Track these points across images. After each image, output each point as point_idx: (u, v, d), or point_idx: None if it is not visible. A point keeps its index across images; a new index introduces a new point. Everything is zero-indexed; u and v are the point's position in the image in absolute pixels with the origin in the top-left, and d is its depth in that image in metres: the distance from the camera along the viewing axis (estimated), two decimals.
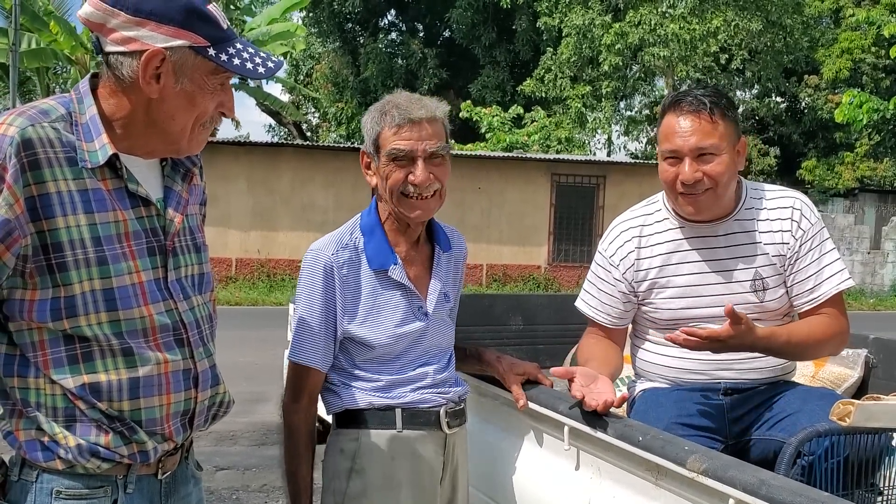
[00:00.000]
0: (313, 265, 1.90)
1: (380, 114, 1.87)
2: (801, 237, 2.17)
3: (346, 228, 1.95)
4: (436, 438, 1.91)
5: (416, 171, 1.84)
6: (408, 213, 1.89)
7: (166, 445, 1.44)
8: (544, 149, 20.07)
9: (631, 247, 2.27)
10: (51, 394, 1.35)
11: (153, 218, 1.43)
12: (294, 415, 1.90)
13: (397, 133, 1.84)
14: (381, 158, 1.87)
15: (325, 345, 1.88)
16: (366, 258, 1.90)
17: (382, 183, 1.88)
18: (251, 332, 10.03)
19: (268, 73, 1.42)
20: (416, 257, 1.96)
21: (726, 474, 1.46)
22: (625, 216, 2.35)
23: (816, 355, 2.35)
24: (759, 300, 2.19)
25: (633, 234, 2.28)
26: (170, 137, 1.42)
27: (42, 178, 1.30)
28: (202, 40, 1.36)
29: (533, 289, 16.53)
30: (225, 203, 15.34)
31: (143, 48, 1.33)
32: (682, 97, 2.14)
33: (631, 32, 20.19)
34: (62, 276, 1.31)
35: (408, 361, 1.90)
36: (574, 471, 1.92)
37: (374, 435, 1.87)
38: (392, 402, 1.87)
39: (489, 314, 4.10)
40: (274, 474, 4.78)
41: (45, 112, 1.35)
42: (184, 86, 1.37)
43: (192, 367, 1.46)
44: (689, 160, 2.09)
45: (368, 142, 1.90)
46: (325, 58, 26.99)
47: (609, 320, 2.32)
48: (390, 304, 1.89)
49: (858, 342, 3.21)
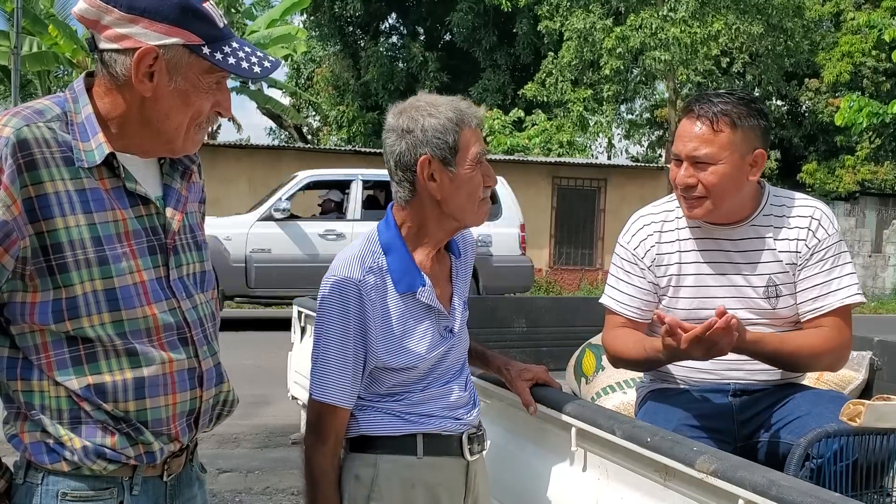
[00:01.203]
0: (339, 293, 1.72)
1: (455, 115, 1.72)
2: (814, 246, 2.16)
3: (365, 247, 1.78)
4: (457, 466, 1.81)
5: (490, 174, 1.77)
6: (477, 221, 1.80)
7: (172, 446, 1.43)
8: (545, 152, 20.07)
9: (652, 241, 2.26)
10: (55, 396, 1.34)
11: (153, 216, 1.41)
12: (321, 458, 1.74)
13: (476, 134, 1.75)
14: (464, 163, 1.72)
15: (353, 380, 1.73)
16: (391, 280, 1.76)
17: (461, 191, 1.74)
18: (254, 334, 10.03)
19: (263, 74, 1.40)
20: (439, 273, 1.84)
21: (736, 475, 1.45)
22: (646, 210, 2.35)
23: (811, 368, 2.29)
24: (771, 307, 2.17)
25: (654, 229, 2.27)
26: (164, 136, 1.40)
27: (39, 179, 1.28)
28: (196, 38, 1.34)
29: (534, 292, 16.50)
30: (226, 206, 15.29)
31: (136, 46, 1.32)
32: (697, 100, 2.15)
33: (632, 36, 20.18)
34: (63, 277, 1.30)
35: (432, 380, 1.80)
36: (581, 472, 1.91)
37: (393, 461, 1.75)
38: (413, 427, 1.76)
39: (493, 316, 4.10)
40: (277, 477, 4.77)
41: (41, 112, 1.34)
42: (178, 84, 1.35)
43: (196, 365, 1.45)
44: (686, 164, 2.11)
45: (440, 148, 1.71)
46: (326, 61, 27.01)
47: (639, 314, 2.27)
48: (419, 328, 1.77)
49: (863, 345, 3.21)
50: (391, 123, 1.76)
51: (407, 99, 1.82)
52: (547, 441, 2.05)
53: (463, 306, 1.89)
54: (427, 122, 1.71)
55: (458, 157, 1.73)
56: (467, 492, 1.84)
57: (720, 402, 2.16)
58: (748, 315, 2.17)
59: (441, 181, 1.74)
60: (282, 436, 5.57)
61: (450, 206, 1.76)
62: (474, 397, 1.90)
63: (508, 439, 2.17)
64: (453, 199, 1.75)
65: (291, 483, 4.64)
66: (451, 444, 1.81)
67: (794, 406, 2.12)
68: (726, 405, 2.16)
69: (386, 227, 1.81)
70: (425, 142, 1.71)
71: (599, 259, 17.32)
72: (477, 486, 1.87)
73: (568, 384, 3.65)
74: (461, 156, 1.72)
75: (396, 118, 1.75)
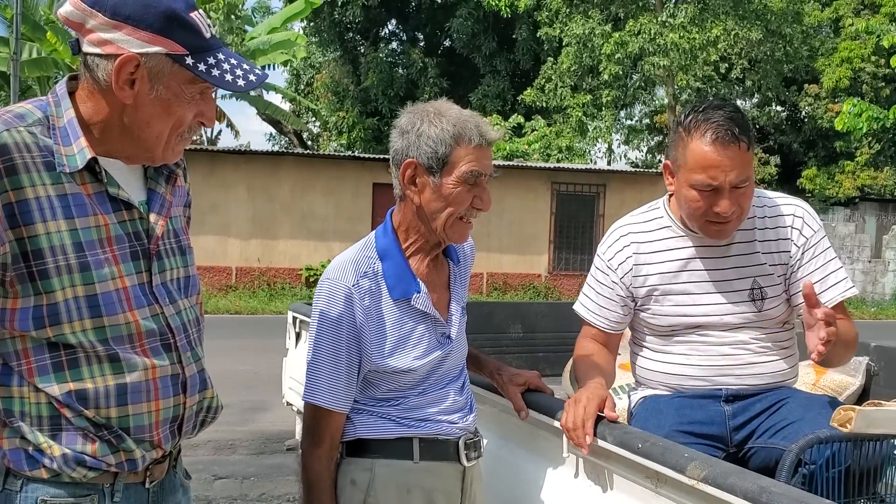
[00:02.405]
0: (332, 296, 1.73)
1: (454, 129, 1.71)
2: (803, 245, 2.16)
3: (360, 252, 1.79)
4: (454, 471, 1.81)
5: (484, 196, 1.75)
6: (455, 238, 1.79)
7: (154, 453, 1.42)
8: (545, 158, 20.11)
9: (629, 252, 2.25)
10: (35, 402, 1.33)
11: (136, 221, 1.40)
12: (316, 462, 1.74)
13: (475, 154, 1.72)
14: (449, 177, 1.72)
15: (347, 384, 1.73)
16: (386, 286, 1.76)
17: (439, 203, 1.74)
18: (251, 340, 10.02)
19: (247, 87, 1.38)
20: (436, 280, 1.84)
21: (726, 481, 1.44)
22: (624, 221, 2.33)
23: (846, 359, 2.33)
24: (757, 309, 2.17)
25: (632, 240, 2.26)
26: (144, 145, 1.38)
27: (20, 184, 1.27)
28: (180, 48, 1.32)
29: (533, 297, 16.50)
30: (225, 212, 15.35)
31: (118, 52, 1.30)
32: (714, 125, 2.02)
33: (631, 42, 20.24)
34: (44, 283, 1.29)
35: (429, 385, 1.80)
36: (573, 478, 1.89)
37: (389, 466, 1.75)
38: (409, 432, 1.76)
39: (489, 322, 4.10)
40: (273, 483, 4.76)
41: (21, 116, 1.32)
42: (159, 93, 1.34)
43: (180, 371, 1.43)
44: (728, 194, 2.02)
45: (427, 156, 1.71)
46: (326, 67, 27.05)
47: (607, 324, 2.30)
48: (414, 334, 1.77)
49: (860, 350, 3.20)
50: (399, 121, 1.78)
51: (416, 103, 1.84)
52: (539, 447, 2.03)
53: (461, 312, 1.88)
54: (425, 128, 1.72)
55: (445, 170, 1.72)
56: (464, 497, 1.84)
57: (713, 409, 2.15)
58: (734, 320, 2.17)
59: (420, 187, 1.75)
60: (278, 442, 5.56)
61: (425, 213, 1.76)
62: (471, 403, 1.89)
63: (500, 445, 2.16)
64: (429, 207, 1.75)
65: (287, 489, 4.63)
66: (448, 450, 1.80)
67: (787, 411, 2.10)
68: (719, 411, 2.15)
69: (383, 232, 1.82)
70: (416, 146, 1.72)
71: None
72: (473, 493, 1.86)
73: (564, 390, 3.64)
74: (448, 169, 1.72)
75: (404, 117, 1.78)
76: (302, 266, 15.94)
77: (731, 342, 2.17)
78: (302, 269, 15.93)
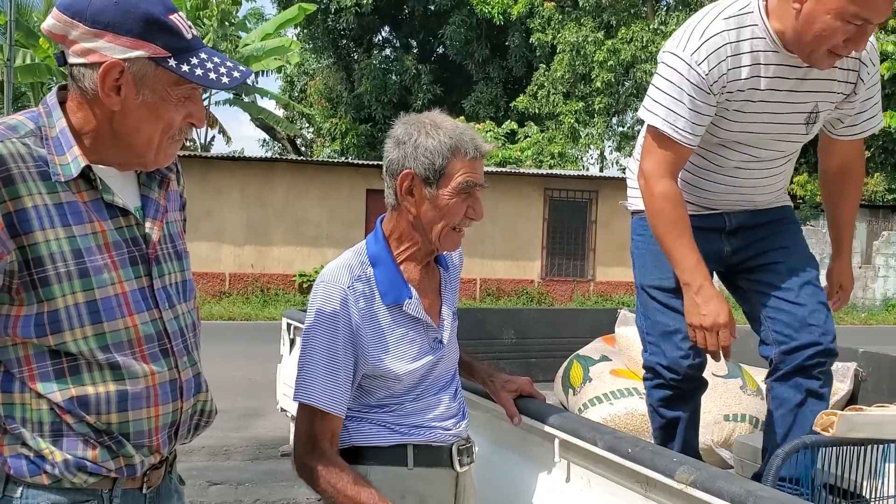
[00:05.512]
0: (329, 296, 1.74)
1: (451, 141, 1.75)
2: (867, 80, 2.26)
3: (354, 258, 1.82)
4: (447, 477, 1.83)
5: (477, 207, 1.80)
6: (448, 247, 1.83)
7: (153, 458, 1.43)
8: (537, 164, 20.14)
9: (727, 66, 2.14)
10: (37, 409, 1.34)
11: (132, 227, 1.41)
12: (313, 462, 1.73)
13: (470, 165, 1.77)
14: (445, 189, 1.76)
15: (343, 386, 1.73)
16: (378, 292, 1.78)
17: (435, 213, 1.77)
18: (245, 346, 10.01)
19: (232, 84, 1.39)
20: (427, 286, 1.87)
21: (714, 486, 1.47)
22: (719, 25, 2.14)
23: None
24: (805, 132, 2.29)
25: (731, 52, 2.14)
26: (135, 150, 1.40)
27: (17, 194, 1.28)
28: (162, 51, 1.34)
29: (526, 303, 16.53)
30: (219, 218, 15.33)
31: (101, 60, 1.32)
32: None
33: (623, 49, 20.33)
34: (45, 290, 1.30)
35: (422, 390, 1.82)
36: (565, 483, 1.92)
37: (383, 472, 1.76)
38: (404, 439, 1.78)
39: (482, 328, 4.12)
40: (267, 489, 4.76)
41: (14, 128, 1.34)
42: (146, 97, 1.35)
43: (177, 376, 1.45)
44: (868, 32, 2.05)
45: (424, 167, 1.75)
46: (320, 73, 27.07)
47: (693, 140, 2.19)
48: (406, 339, 1.79)
49: (848, 356, 3.23)
50: (394, 131, 1.80)
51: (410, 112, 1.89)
52: (531, 452, 2.06)
53: (452, 317, 1.91)
54: (422, 139, 1.75)
55: (442, 181, 1.76)
56: (457, 503, 1.86)
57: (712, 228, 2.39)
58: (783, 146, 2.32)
59: (418, 198, 1.78)
60: (273, 448, 5.56)
61: (422, 223, 1.80)
62: (464, 409, 1.92)
63: (493, 450, 2.19)
64: (425, 217, 1.78)
65: (282, 495, 4.64)
66: (441, 456, 1.82)
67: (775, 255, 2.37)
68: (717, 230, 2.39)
69: (374, 240, 1.84)
70: (413, 157, 1.75)
71: (591, 270, 17.36)
72: (466, 499, 1.89)
73: (556, 395, 3.67)
74: (444, 181, 1.76)
75: (400, 127, 1.80)
76: (295, 272, 15.93)
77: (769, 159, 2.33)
78: (295, 275, 15.92)
